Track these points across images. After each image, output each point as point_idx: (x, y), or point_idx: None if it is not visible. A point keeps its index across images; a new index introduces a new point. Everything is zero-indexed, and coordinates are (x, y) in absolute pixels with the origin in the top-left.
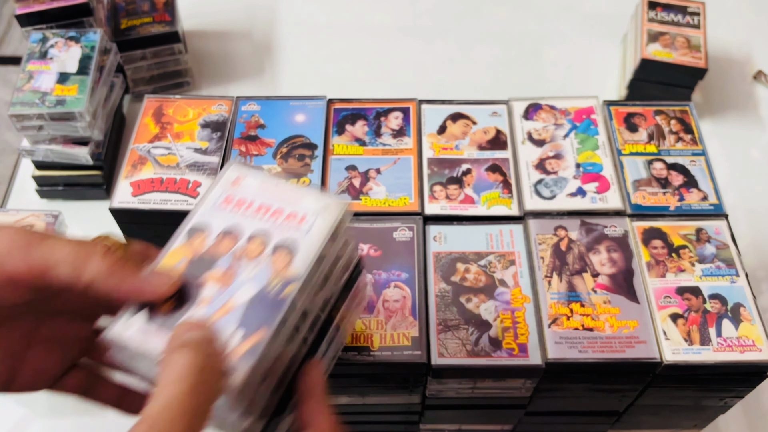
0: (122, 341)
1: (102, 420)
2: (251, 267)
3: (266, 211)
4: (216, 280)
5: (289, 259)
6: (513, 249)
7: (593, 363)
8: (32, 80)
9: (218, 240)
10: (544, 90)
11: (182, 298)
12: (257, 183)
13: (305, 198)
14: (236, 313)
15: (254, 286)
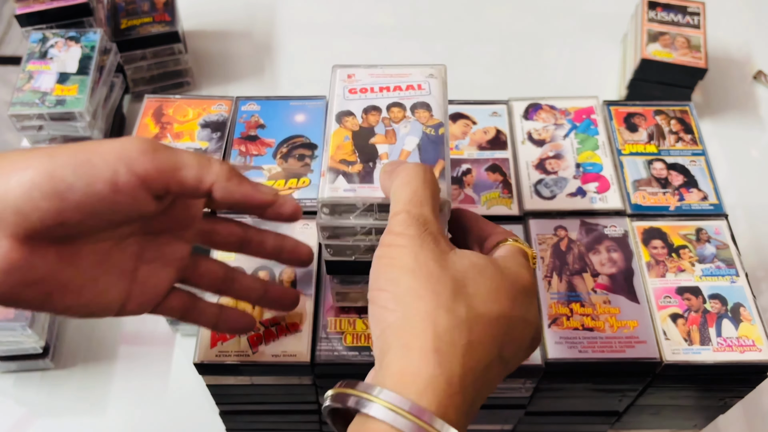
0: (336, 198)
1: (102, 420)
2: (403, 125)
3: (388, 89)
4: (383, 141)
5: (428, 113)
6: None
7: (593, 363)
8: (32, 80)
9: (365, 117)
10: (544, 90)
11: (365, 159)
12: (367, 73)
13: (412, 72)
14: (413, 156)
15: (415, 135)
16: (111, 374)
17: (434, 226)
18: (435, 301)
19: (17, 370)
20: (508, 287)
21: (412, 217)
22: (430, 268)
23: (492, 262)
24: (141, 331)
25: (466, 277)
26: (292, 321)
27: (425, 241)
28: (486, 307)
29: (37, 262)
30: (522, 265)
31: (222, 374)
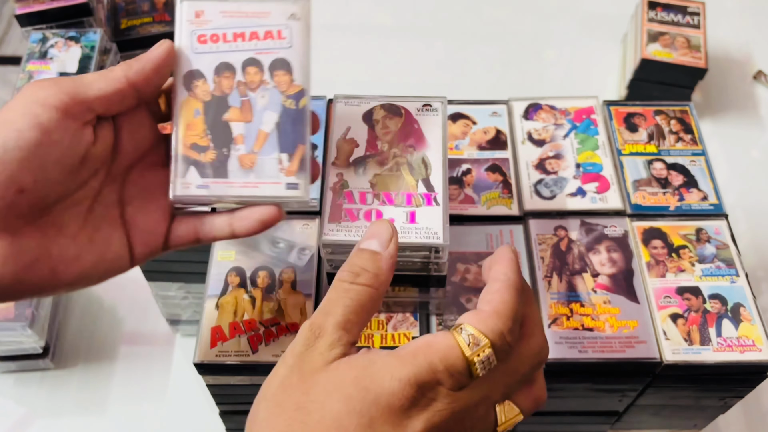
0: (189, 197)
1: (102, 420)
2: (260, 95)
3: (242, 37)
4: (238, 118)
5: (288, 76)
6: None
7: (593, 363)
8: (32, 80)
9: (217, 81)
10: (544, 90)
11: (218, 143)
12: (218, 10)
13: (271, 11)
14: (272, 140)
15: (273, 110)
16: (111, 374)
17: (327, 339)
18: (269, 421)
19: (17, 370)
20: (364, 411)
21: (305, 328)
22: (275, 392)
23: (358, 372)
24: (141, 331)
25: (318, 399)
26: (292, 321)
27: (301, 359)
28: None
29: (24, 244)
30: (405, 379)
31: (222, 374)
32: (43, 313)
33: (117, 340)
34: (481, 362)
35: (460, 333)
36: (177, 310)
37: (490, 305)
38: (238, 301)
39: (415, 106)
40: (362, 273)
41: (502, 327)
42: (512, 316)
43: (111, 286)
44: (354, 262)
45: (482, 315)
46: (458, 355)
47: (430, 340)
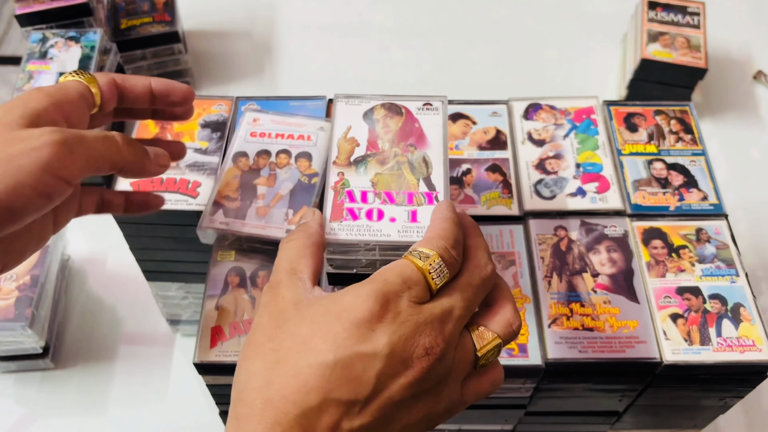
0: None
1: (102, 420)
2: (285, 171)
3: (282, 136)
4: (264, 183)
5: (308, 162)
6: (513, 249)
7: (593, 363)
8: (32, 80)
9: (256, 159)
10: (544, 90)
11: (245, 197)
12: (270, 119)
13: (307, 124)
14: (284, 200)
15: (291, 182)
16: (111, 374)
17: (285, 286)
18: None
19: (17, 370)
20: (328, 329)
21: (266, 285)
22: (263, 323)
23: (323, 300)
24: (141, 331)
25: (290, 329)
26: None
27: (268, 306)
28: (296, 358)
29: None
30: (363, 294)
31: (222, 374)
32: (43, 313)
33: (117, 340)
34: (434, 270)
35: (410, 253)
36: (177, 310)
37: (431, 231)
38: (238, 301)
39: (416, 105)
40: (293, 234)
41: (445, 243)
42: (453, 237)
43: (111, 286)
44: (305, 223)
45: (426, 237)
46: (412, 268)
47: (385, 267)
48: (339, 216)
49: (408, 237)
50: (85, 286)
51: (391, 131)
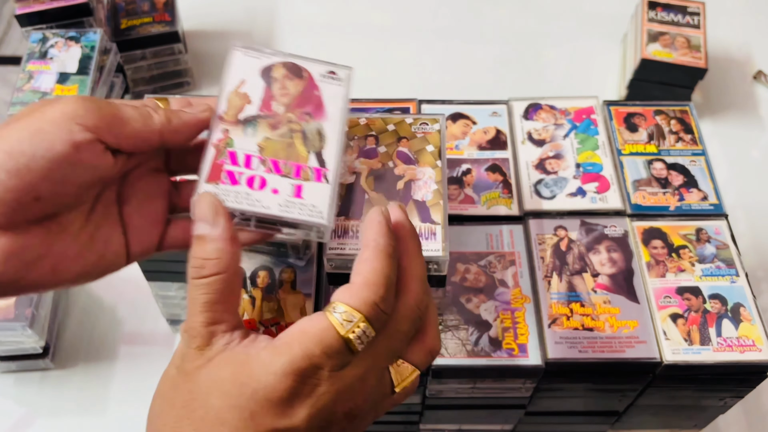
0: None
1: (102, 420)
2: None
3: None
4: None
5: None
6: (513, 249)
7: (593, 363)
8: (32, 80)
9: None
10: (544, 90)
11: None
12: None
13: None
14: None
15: None
16: (111, 374)
17: (203, 338)
18: (156, 421)
19: (17, 370)
20: (244, 405)
21: (182, 329)
22: (165, 390)
23: (234, 366)
24: (141, 331)
25: (200, 397)
26: (291, 321)
27: (183, 359)
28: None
29: (28, 242)
30: (281, 372)
31: None
32: (43, 313)
33: (117, 340)
34: (357, 338)
35: (333, 312)
36: (177, 310)
37: (360, 276)
38: None
39: (319, 71)
40: (204, 264)
41: (374, 297)
42: (384, 283)
43: (111, 286)
44: (194, 255)
45: (353, 289)
46: (333, 335)
47: (304, 325)
48: (216, 178)
49: (289, 213)
50: (85, 286)
51: (288, 94)
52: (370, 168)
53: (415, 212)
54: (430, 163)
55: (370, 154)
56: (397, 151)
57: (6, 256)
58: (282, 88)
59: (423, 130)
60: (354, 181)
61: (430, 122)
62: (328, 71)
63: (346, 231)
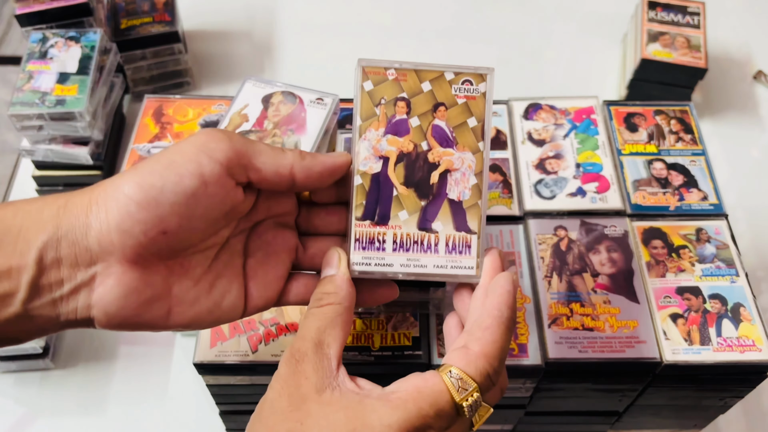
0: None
1: (102, 420)
2: None
3: None
4: None
5: None
6: (513, 249)
7: (593, 363)
8: (32, 80)
9: None
10: (544, 90)
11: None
12: None
13: None
14: None
15: None
16: (111, 374)
17: (309, 362)
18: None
19: (17, 370)
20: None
21: (287, 353)
22: (267, 416)
23: (348, 409)
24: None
25: (309, 424)
26: (291, 321)
27: (288, 383)
28: None
29: (150, 280)
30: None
31: (222, 374)
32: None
33: (117, 340)
34: (470, 407)
35: (449, 376)
36: None
37: (479, 345)
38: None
39: (309, 98)
40: (324, 296)
41: (489, 369)
42: (499, 356)
43: None
44: (316, 291)
45: (470, 357)
46: (447, 400)
47: (419, 385)
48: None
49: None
50: None
51: (279, 115)
52: (399, 151)
53: (450, 216)
54: (471, 145)
55: (401, 129)
56: (433, 125)
57: (128, 291)
58: (275, 111)
59: (466, 92)
60: (380, 170)
61: (475, 80)
62: (317, 98)
63: (372, 241)
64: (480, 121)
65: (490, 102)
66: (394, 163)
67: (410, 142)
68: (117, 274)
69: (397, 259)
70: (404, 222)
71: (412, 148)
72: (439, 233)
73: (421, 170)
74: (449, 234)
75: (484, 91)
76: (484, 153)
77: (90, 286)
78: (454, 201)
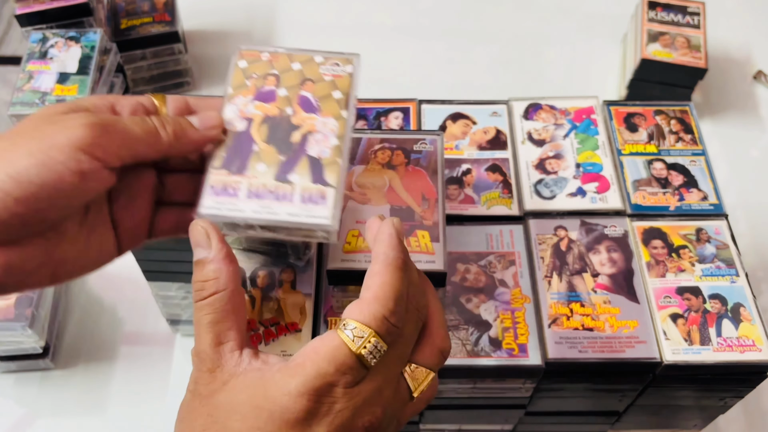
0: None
1: (102, 420)
2: None
3: None
4: None
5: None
6: (513, 249)
7: (593, 363)
8: (32, 80)
9: None
10: (544, 90)
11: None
12: None
13: None
14: None
15: None
16: (111, 374)
17: (212, 361)
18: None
19: (17, 370)
20: (262, 427)
21: (192, 354)
22: (184, 416)
23: (251, 388)
24: (141, 331)
25: (219, 421)
26: (291, 321)
27: (197, 384)
28: None
29: (29, 254)
30: (295, 392)
31: None
32: (43, 313)
33: (117, 340)
34: (369, 353)
35: (344, 329)
36: (177, 310)
37: (369, 291)
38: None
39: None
40: (204, 286)
41: (384, 311)
42: (394, 296)
43: (111, 286)
44: (194, 280)
45: (363, 304)
46: (345, 352)
47: (316, 344)
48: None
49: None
50: (85, 286)
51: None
52: (265, 115)
53: (308, 170)
54: (334, 112)
55: (268, 97)
56: (299, 95)
57: (8, 268)
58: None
59: (333, 72)
60: (244, 129)
61: (342, 63)
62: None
63: (225, 188)
64: (345, 95)
65: (356, 80)
66: (258, 124)
67: (276, 107)
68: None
69: (249, 206)
70: (261, 173)
71: (277, 112)
72: (295, 185)
73: (284, 131)
74: (305, 186)
75: (351, 71)
76: (348, 120)
77: None
78: (313, 157)
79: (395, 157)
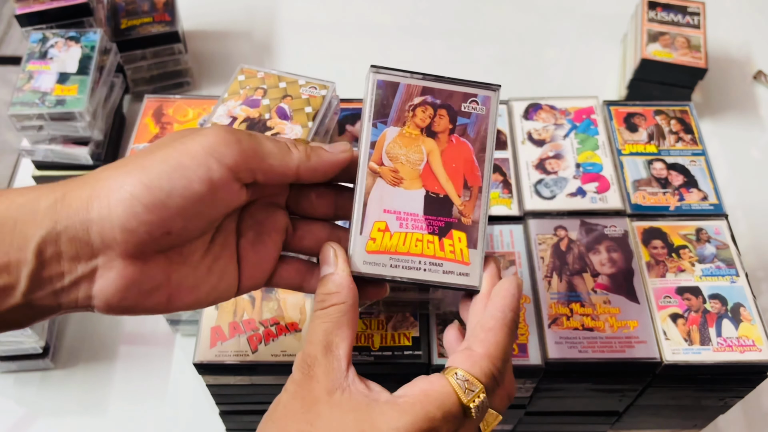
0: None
1: (102, 420)
2: None
3: None
4: None
5: None
6: (513, 249)
7: (593, 363)
8: (32, 80)
9: None
10: (544, 90)
11: None
12: None
13: None
14: None
15: None
16: (111, 374)
17: (320, 366)
18: None
19: (17, 370)
20: None
21: (299, 358)
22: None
23: (358, 411)
24: (141, 331)
25: (320, 425)
26: (291, 321)
27: (301, 387)
28: None
29: (151, 272)
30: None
31: (222, 374)
32: None
33: (117, 340)
34: (477, 408)
35: (455, 378)
36: None
37: (482, 346)
38: (237, 301)
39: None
40: (326, 298)
41: (494, 370)
42: (503, 357)
43: None
44: (318, 292)
45: (475, 358)
46: (454, 401)
47: (426, 388)
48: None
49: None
50: None
51: None
52: (246, 116)
53: None
54: (302, 122)
55: (254, 104)
56: (278, 106)
57: (128, 284)
58: None
59: (310, 93)
60: (228, 125)
61: (319, 87)
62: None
63: None
64: (314, 110)
65: (327, 101)
66: (239, 122)
67: (257, 112)
68: (118, 268)
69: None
70: None
71: (257, 115)
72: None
73: (259, 130)
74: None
75: (324, 94)
76: (311, 129)
77: (91, 279)
78: None
79: (438, 120)
